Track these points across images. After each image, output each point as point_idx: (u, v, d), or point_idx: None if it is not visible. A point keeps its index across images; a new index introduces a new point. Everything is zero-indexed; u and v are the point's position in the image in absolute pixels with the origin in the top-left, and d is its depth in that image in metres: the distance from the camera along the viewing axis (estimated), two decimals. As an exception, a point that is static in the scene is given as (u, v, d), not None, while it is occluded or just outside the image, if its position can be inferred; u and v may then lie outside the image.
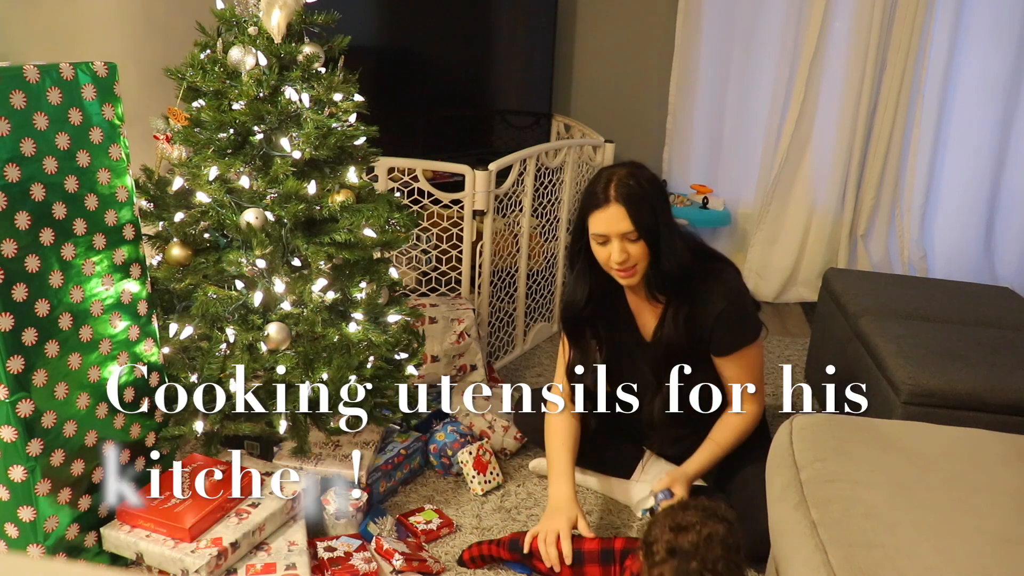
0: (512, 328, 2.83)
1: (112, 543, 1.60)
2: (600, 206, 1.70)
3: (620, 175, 1.72)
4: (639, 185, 1.70)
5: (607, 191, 1.70)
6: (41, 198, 1.42)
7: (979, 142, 3.48)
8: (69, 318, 1.49)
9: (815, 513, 1.26)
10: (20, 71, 1.38)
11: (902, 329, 2.11)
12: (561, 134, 3.53)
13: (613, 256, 1.72)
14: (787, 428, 1.52)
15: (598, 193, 1.71)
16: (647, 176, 1.74)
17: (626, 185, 1.69)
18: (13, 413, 1.40)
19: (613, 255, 1.72)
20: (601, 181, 1.73)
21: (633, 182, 1.71)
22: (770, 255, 3.71)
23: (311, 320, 1.75)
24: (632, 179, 1.71)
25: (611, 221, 1.69)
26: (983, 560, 1.14)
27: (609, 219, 1.69)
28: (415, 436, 2.08)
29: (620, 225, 1.68)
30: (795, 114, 3.51)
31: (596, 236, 1.73)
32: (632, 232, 1.68)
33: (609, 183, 1.71)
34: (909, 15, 3.32)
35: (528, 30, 3.45)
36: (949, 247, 3.64)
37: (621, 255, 1.71)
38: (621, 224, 1.68)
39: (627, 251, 1.71)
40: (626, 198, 1.68)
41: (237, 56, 1.68)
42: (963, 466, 1.37)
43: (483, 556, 1.75)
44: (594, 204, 1.71)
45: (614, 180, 1.71)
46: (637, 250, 1.71)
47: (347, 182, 1.82)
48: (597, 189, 1.72)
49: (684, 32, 3.68)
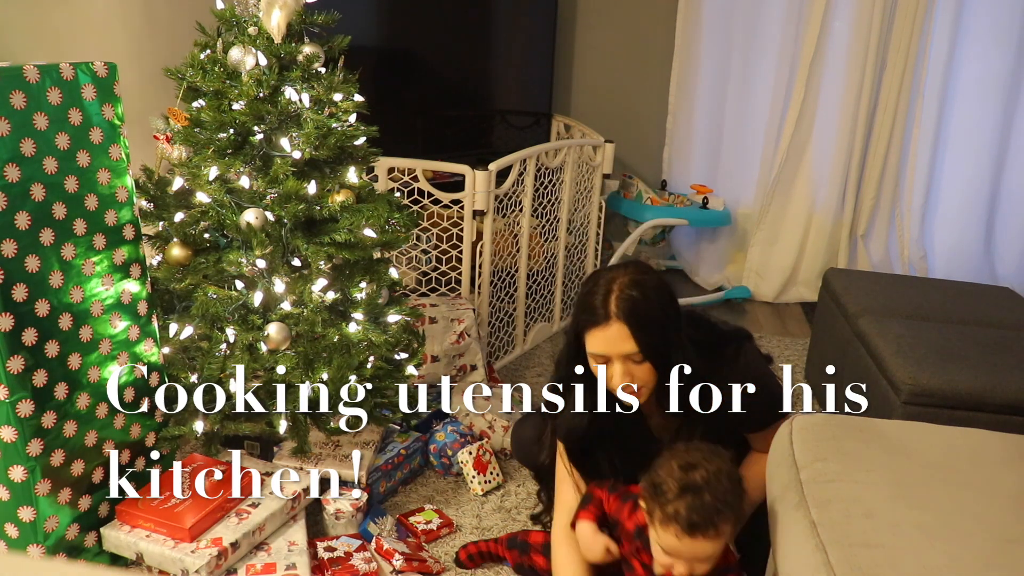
0: (512, 328, 2.83)
1: (112, 543, 1.60)
2: (599, 323, 1.43)
3: (622, 284, 1.44)
4: (645, 298, 1.44)
5: (607, 305, 1.43)
6: (41, 198, 1.42)
7: (979, 142, 3.48)
8: (69, 318, 1.49)
9: (815, 513, 1.26)
10: (20, 71, 1.38)
11: (902, 329, 2.11)
12: (561, 134, 3.53)
13: (615, 380, 1.47)
14: (787, 428, 1.52)
15: (596, 307, 1.44)
16: (653, 283, 1.47)
17: (629, 298, 1.43)
18: (13, 413, 1.40)
19: (615, 378, 1.47)
20: (600, 291, 1.45)
21: (638, 293, 1.43)
22: (770, 255, 3.71)
23: (311, 320, 1.75)
24: (636, 289, 1.44)
25: (612, 341, 1.43)
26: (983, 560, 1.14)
27: (610, 339, 1.43)
28: (415, 436, 2.09)
29: (623, 346, 1.43)
30: (795, 114, 3.51)
31: (595, 356, 1.48)
32: (636, 354, 1.43)
33: (609, 295, 1.44)
34: (909, 15, 3.32)
35: (528, 30, 3.45)
36: (949, 247, 3.64)
37: (623, 378, 1.46)
38: (624, 345, 1.43)
39: (631, 373, 1.46)
40: (630, 315, 1.42)
41: (237, 56, 1.68)
42: (963, 466, 1.37)
43: (480, 553, 1.76)
44: (592, 320, 1.45)
45: (615, 291, 1.43)
46: (643, 372, 1.46)
47: (347, 182, 1.82)
48: (595, 301, 1.45)
49: (684, 32, 3.68)
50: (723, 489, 1.29)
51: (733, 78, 3.66)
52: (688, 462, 1.32)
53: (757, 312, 3.58)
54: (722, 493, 1.28)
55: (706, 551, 1.30)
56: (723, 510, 1.28)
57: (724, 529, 1.30)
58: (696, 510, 1.27)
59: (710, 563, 1.34)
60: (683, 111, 3.79)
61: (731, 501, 1.29)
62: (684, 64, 3.72)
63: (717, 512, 1.28)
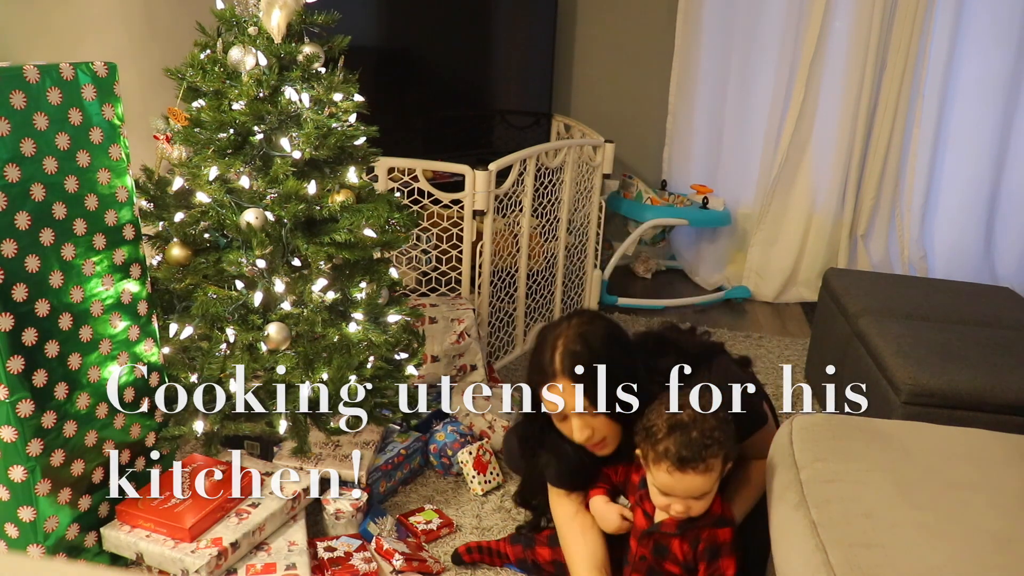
0: (512, 328, 2.83)
1: (112, 543, 1.60)
2: (548, 381, 1.45)
3: (567, 338, 1.45)
4: (589, 350, 1.43)
5: (552, 362, 1.44)
6: (41, 198, 1.42)
7: (979, 142, 3.48)
8: (69, 318, 1.49)
9: (815, 513, 1.26)
10: (20, 71, 1.38)
11: (902, 329, 2.11)
12: (561, 134, 3.53)
13: (575, 435, 1.48)
14: (787, 428, 1.52)
15: (544, 365, 1.45)
16: (599, 333, 1.46)
17: (572, 354, 1.43)
18: (13, 413, 1.40)
19: (575, 433, 1.48)
20: (547, 349, 1.46)
21: (581, 347, 1.43)
22: (770, 255, 3.71)
23: (311, 320, 1.75)
24: (580, 343, 1.43)
25: (563, 399, 1.44)
26: (983, 560, 1.14)
27: (560, 396, 1.44)
28: (415, 436, 2.08)
29: (573, 403, 1.44)
30: (795, 114, 3.51)
31: (552, 414, 1.49)
32: (589, 407, 1.44)
33: (555, 352, 1.44)
34: (909, 15, 3.32)
35: (528, 30, 3.45)
36: (949, 247, 3.64)
37: (583, 432, 1.46)
38: (574, 401, 1.44)
39: (590, 426, 1.46)
40: (573, 373, 1.42)
41: (237, 56, 1.68)
42: (963, 466, 1.37)
43: (480, 548, 1.76)
44: (542, 379, 1.46)
45: (559, 348, 1.44)
46: (600, 423, 1.46)
47: (347, 182, 1.82)
48: (543, 360, 1.46)
49: (684, 32, 3.68)
50: (710, 426, 1.35)
51: (733, 78, 3.66)
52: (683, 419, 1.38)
53: (757, 312, 3.58)
54: (709, 429, 1.35)
55: (698, 486, 1.37)
56: (711, 445, 1.35)
57: (713, 464, 1.36)
58: (685, 445, 1.34)
59: (705, 501, 1.40)
60: (683, 111, 3.79)
61: (719, 437, 1.35)
62: (684, 64, 3.72)
63: (705, 447, 1.34)
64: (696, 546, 1.43)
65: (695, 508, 1.41)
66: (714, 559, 1.42)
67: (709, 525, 1.43)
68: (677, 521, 1.43)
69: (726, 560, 1.43)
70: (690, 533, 1.44)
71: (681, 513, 1.41)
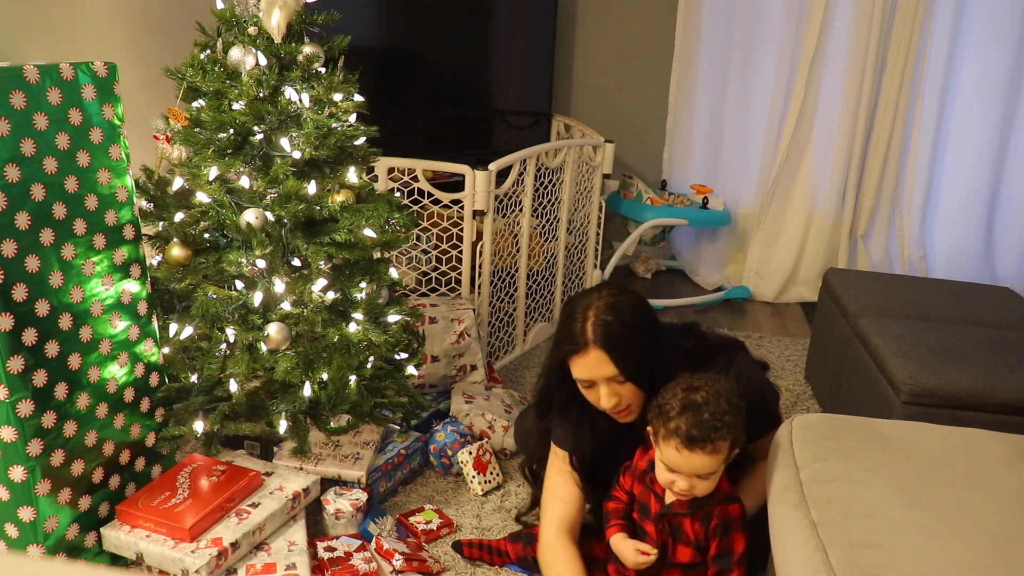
0: (512, 328, 2.83)
1: (112, 543, 1.60)
2: (579, 351, 1.49)
3: (597, 309, 1.50)
4: (620, 321, 1.49)
5: (584, 332, 1.49)
6: (41, 198, 1.42)
7: (979, 142, 3.48)
8: (69, 318, 1.49)
9: (815, 513, 1.26)
10: (20, 71, 1.38)
11: (902, 329, 2.11)
12: (561, 134, 3.53)
13: (602, 402, 1.53)
14: (787, 428, 1.52)
15: (576, 335, 1.50)
16: (628, 304, 1.52)
17: (604, 324, 1.48)
18: (13, 413, 1.40)
19: (602, 400, 1.53)
20: (577, 319, 1.51)
21: (612, 317, 1.49)
22: (770, 255, 3.71)
23: (311, 320, 1.75)
24: (611, 313, 1.49)
25: (593, 367, 1.49)
26: (983, 560, 1.14)
27: (590, 365, 1.49)
28: (415, 436, 2.08)
29: (604, 370, 1.49)
30: (795, 114, 3.51)
31: (580, 381, 1.54)
32: (618, 376, 1.49)
33: (586, 322, 1.49)
34: (909, 15, 3.32)
35: (528, 30, 3.45)
36: (949, 247, 3.64)
37: (611, 400, 1.52)
38: (605, 369, 1.49)
39: (617, 394, 1.52)
40: (606, 341, 1.48)
41: (237, 56, 1.68)
42: (963, 466, 1.38)
43: (481, 545, 1.77)
44: (573, 348, 1.50)
45: (591, 318, 1.49)
46: (628, 392, 1.52)
47: (347, 182, 1.82)
48: (574, 329, 1.50)
49: (684, 32, 3.68)
50: (721, 410, 1.39)
51: (733, 78, 3.66)
52: (691, 385, 1.43)
53: (757, 312, 3.58)
54: (720, 413, 1.39)
55: (704, 465, 1.40)
56: (720, 428, 1.38)
57: (721, 446, 1.39)
58: (695, 426, 1.38)
59: (710, 482, 1.43)
60: (683, 111, 3.79)
61: (729, 422, 1.39)
62: (684, 64, 3.72)
63: (715, 429, 1.38)
64: (708, 524, 1.46)
65: (699, 488, 1.44)
66: (726, 534, 1.46)
67: (719, 502, 1.47)
68: (687, 501, 1.47)
69: (737, 535, 1.46)
70: (700, 512, 1.47)
71: (684, 491, 1.44)
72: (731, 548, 1.46)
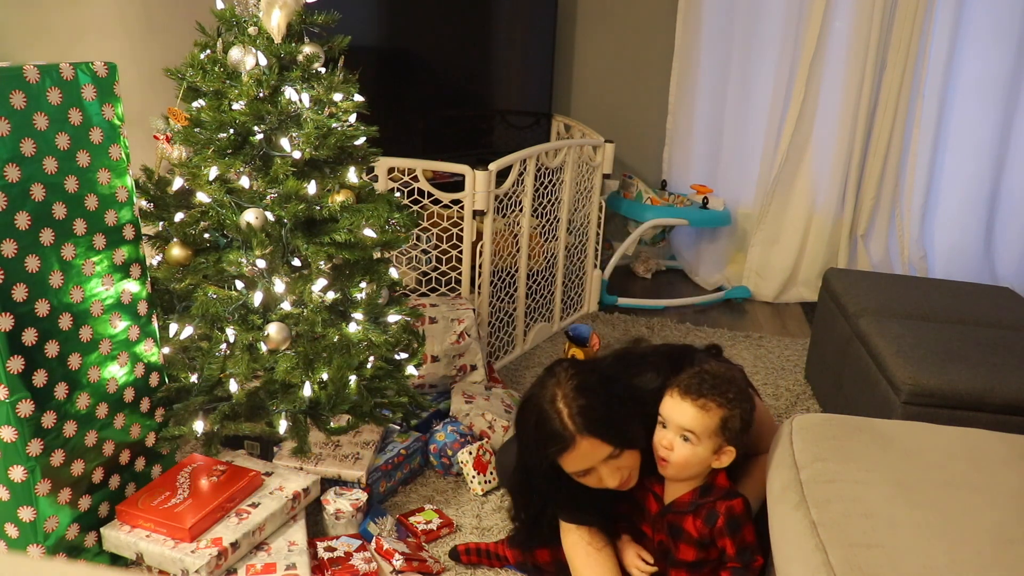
0: (512, 328, 2.83)
1: (112, 543, 1.60)
2: (568, 447, 1.42)
3: (566, 398, 1.43)
4: (594, 399, 1.44)
5: (565, 427, 1.42)
6: (41, 198, 1.42)
7: (979, 142, 3.48)
8: (69, 318, 1.49)
9: (815, 513, 1.26)
10: (20, 71, 1.38)
11: (902, 329, 2.11)
12: (561, 134, 3.53)
13: (607, 482, 1.48)
14: (787, 428, 1.52)
15: (557, 433, 1.43)
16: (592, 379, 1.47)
17: (581, 410, 1.42)
18: (13, 413, 1.40)
19: (606, 481, 1.48)
20: (551, 417, 1.43)
21: (585, 400, 1.43)
22: (770, 255, 3.71)
23: (311, 320, 1.75)
24: (582, 396, 1.43)
25: (588, 455, 1.44)
26: (983, 560, 1.14)
27: (584, 455, 1.44)
28: (415, 436, 2.08)
29: (599, 454, 1.44)
30: (795, 114, 3.51)
31: (577, 473, 1.48)
32: (614, 451, 1.45)
33: (561, 415, 1.42)
34: (909, 15, 3.32)
35: (528, 30, 3.45)
36: (949, 247, 3.64)
37: (614, 478, 1.48)
38: (599, 452, 1.44)
39: (618, 468, 1.47)
40: (589, 426, 1.42)
41: (237, 56, 1.68)
42: (963, 466, 1.38)
43: (479, 550, 1.76)
44: (560, 447, 1.43)
45: (564, 410, 1.42)
46: (627, 459, 1.48)
47: (347, 182, 1.82)
48: (553, 428, 1.43)
49: (684, 32, 3.68)
50: (724, 387, 1.45)
51: (733, 78, 3.66)
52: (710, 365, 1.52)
53: (757, 312, 3.58)
54: (721, 385, 1.45)
55: (690, 420, 1.44)
56: (715, 394, 1.44)
57: (711, 407, 1.43)
58: (694, 379, 1.46)
59: (689, 453, 1.45)
60: (683, 111, 3.79)
61: (730, 397, 1.45)
62: (684, 64, 3.72)
63: (711, 388, 1.44)
64: (713, 522, 1.46)
65: (677, 453, 1.45)
66: (738, 531, 1.46)
67: (721, 498, 1.47)
68: (688, 498, 1.48)
69: (747, 528, 1.47)
70: (703, 509, 1.48)
71: (666, 450, 1.46)
72: (746, 542, 1.47)
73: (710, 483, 1.49)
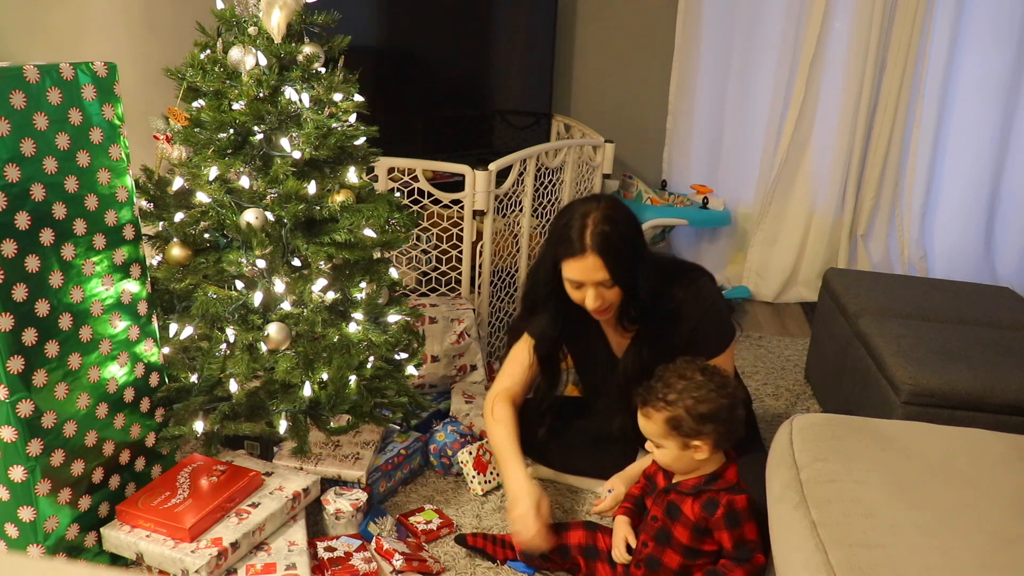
0: (512, 328, 2.83)
1: (112, 543, 1.60)
2: (575, 255, 1.63)
3: (596, 218, 1.62)
4: (617, 231, 1.62)
5: (583, 238, 1.62)
6: (41, 198, 1.42)
7: (979, 142, 3.48)
8: (69, 318, 1.49)
9: (815, 513, 1.26)
10: (20, 71, 1.38)
11: (902, 329, 2.11)
12: (561, 134, 3.53)
13: (588, 303, 1.67)
14: (787, 428, 1.52)
15: (573, 239, 1.63)
16: (623, 216, 1.66)
17: (603, 233, 1.61)
18: (13, 413, 1.40)
19: (588, 301, 1.67)
20: (575, 225, 1.64)
21: (610, 228, 1.62)
22: (770, 255, 3.71)
23: (311, 320, 1.75)
24: (609, 224, 1.62)
25: (587, 271, 1.63)
26: (983, 560, 1.14)
27: (585, 269, 1.63)
28: (415, 436, 2.08)
29: (597, 275, 1.63)
30: (795, 114, 3.51)
31: (571, 281, 1.68)
32: (608, 281, 1.64)
33: (584, 229, 1.62)
34: (909, 15, 3.32)
35: (528, 30, 3.45)
36: (949, 247, 3.64)
37: (596, 301, 1.66)
38: (598, 274, 1.63)
39: (603, 296, 1.66)
40: (604, 248, 1.61)
41: (237, 56, 1.68)
42: (963, 466, 1.38)
43: (485, 536, 1.78)
44: (569, 251, 1.64)
45: (590, 226, 1.62)
46: (612, 294, 1.67)
47: (347, 182, 1.82)
48: (572, 234, 1.63)
49: (684, 32, 3.68)
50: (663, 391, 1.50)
51: (733, 78, 3.66)
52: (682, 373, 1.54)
53: (757, 312, 3.58)
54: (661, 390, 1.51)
55: (643, 426, 1.54)
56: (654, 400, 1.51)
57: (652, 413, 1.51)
58: (641, 391, 1.54)
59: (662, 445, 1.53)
60: (683, 111, 3.79)
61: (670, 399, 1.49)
62: (684, 64, 3.72)
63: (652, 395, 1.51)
64: (712, 511, 1.49)
65: (657, 455, 1.55)
66: (736, 526, 1.49)
67: (724, 490, 1.50)
68: (693, 482, 1.53)
69: (748, 525, 1.49)
70: (704, 495, 1.50)
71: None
72: (745, 538, 1.49)
73: (718, 474, 1.53)
